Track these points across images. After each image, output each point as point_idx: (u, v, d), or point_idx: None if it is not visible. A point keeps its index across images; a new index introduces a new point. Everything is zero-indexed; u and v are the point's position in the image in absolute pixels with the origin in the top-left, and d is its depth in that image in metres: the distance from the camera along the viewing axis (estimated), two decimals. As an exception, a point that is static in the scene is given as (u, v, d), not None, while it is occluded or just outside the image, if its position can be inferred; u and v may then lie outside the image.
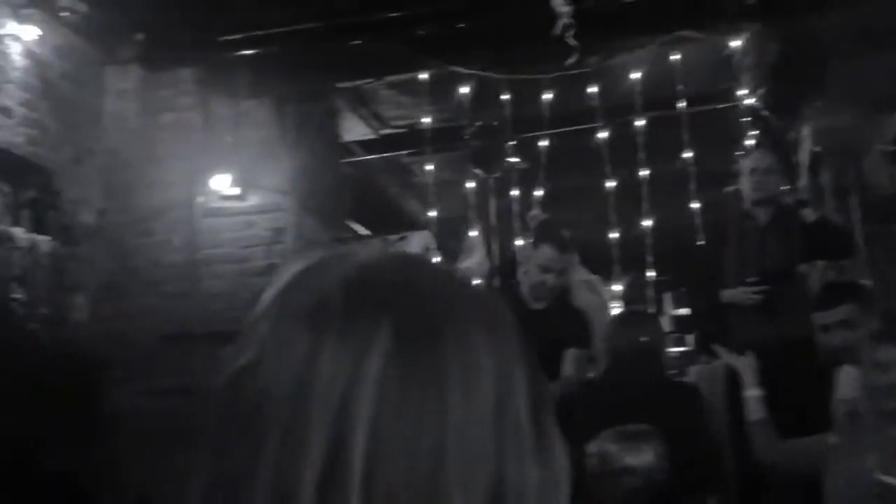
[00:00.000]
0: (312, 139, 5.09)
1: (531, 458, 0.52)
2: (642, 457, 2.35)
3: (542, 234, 4.13)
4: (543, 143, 5.18)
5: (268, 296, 0.59)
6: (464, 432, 0.50)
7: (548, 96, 4.87)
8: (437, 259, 5.16)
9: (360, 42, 4.67)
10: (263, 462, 0.51)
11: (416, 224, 6.68)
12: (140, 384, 4.74)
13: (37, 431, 4.18)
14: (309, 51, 4.78)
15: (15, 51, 4.34)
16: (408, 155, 5.70)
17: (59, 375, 4.38)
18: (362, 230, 6.32)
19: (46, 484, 4.19)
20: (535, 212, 4.55)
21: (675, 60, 4.77)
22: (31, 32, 4.39)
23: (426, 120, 5.27)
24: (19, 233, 4.34)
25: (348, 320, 0.53)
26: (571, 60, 4.13)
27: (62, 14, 4.38)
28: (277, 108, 4.98)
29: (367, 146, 5.75)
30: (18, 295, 4.27)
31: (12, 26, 4.30)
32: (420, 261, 0.68)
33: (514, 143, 5.19)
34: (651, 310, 4.98)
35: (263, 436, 0.52)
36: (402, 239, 4.96)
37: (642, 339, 3.24)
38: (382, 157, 5.90)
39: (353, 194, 5.75)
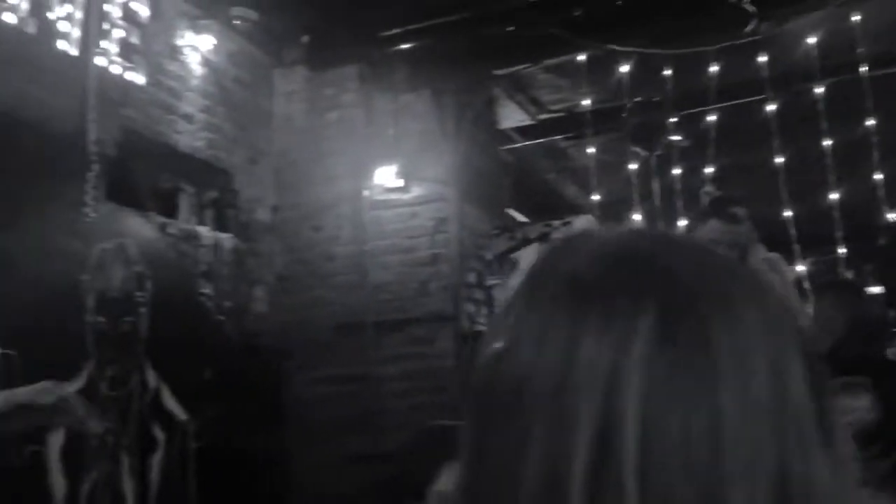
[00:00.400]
0: (471, 128, 5.13)
1: (817, 454, 0.48)
2: (859, 401, 2.73)
3: (712, 210, 3.97)
4: (712, 117, 4.96)
5: (517, 280, 0.58)
6: (740, 422, 0.47)
7: (713, 69, 4.65)
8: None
9: (515, 28, 4.64)
10: (531, 447, 0.50)
11: (576, 208, 6.60)
12: (316, 372, 4.96)
13: (228, 416, 4.46)
14: (465, 41, 4.81)
15: (194, 60, 4.64)
16: (567, 138, 5.63)
17: (244, 364, 4.66)
18: (521, 217, 6.31)
19: (237, 464, 4.47)
20: (709, 188, 4.36)
21: (855, 21, 4.44)
22: (207, 42, 4.68)
23: (585, 102, 5.18)
24: (204, 231, 4.64)
25: (608, 302, 0.51)
26: (750, 27, 3.92)
27: (235, 23, 4.62)
28: (436, 99, 5.05)
29: (524, 132, 5.73)
30: (206, 290, 4.57)
31: (190, 37, 4.59)
32: (673, 237, 0.65)
33: (677, 119, 5.01)
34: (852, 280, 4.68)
35: (528, 421, 0.51)
36: (565, 224, 4.90)
37: (852, 310, 3.18)
38: (540, 142, 5.86)
39: (512, 181, 5.75)
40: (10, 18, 3.36)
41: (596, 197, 5.20)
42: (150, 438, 4.06)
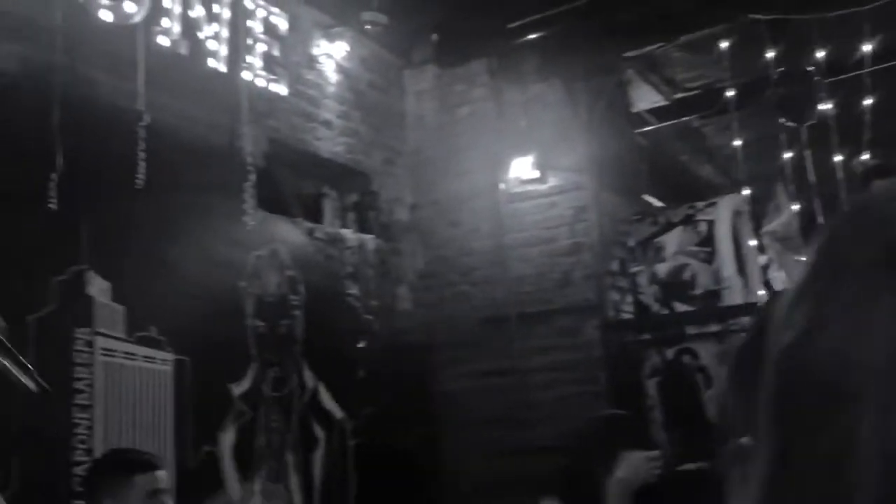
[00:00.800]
0: (605, 114, 5.03)
1: None
2: None
3: (869, 178, 3.74)
4: (865, 83, 4.66)
5: (811, 257, 0.53)
6: None
7: (866, 32, 4.37)
8: (747, 222, 4.87)
9: (647, 6, 4.52)
10: (862, 437, 0.45)
11: (712, 189, 6.36)
12: (463, 366, 4.99)
13: (381, 413, 4.56)
14: (594, 25, 4.72)
15: (329, 68, 4.76)
16: (705, 116, 5.43)
17: (393, 362, 4.74)
18: (656, 202, 6.14)
19: (392, 459, 4.56)
20: (864, 157, 4.11)
21: None
22: (340, 49, 4.79)
23: (724, 77, 4.98)
24: (348, 233, 4.76)
25: None
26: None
27: (366, 28, 4.71)
28: (568, 87, 4.98)
29: (659, 113, 5.57)
30: (353, 290, 4.68)
31: (325, 46, 4.71)
32: None
33: (826, 88, 4.73)
34: None
35: (856, 407, 0.46)
36: (710, 205, 4.73)
37: None
38: (674, 123, 5.68)
39: (647, 166, 5.60)
40: (164, 42, 3.54)
41: (740, 175, 4.99)
42: (312, 436, 4.20)
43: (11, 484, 2.77)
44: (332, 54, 4.75)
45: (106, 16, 3.26)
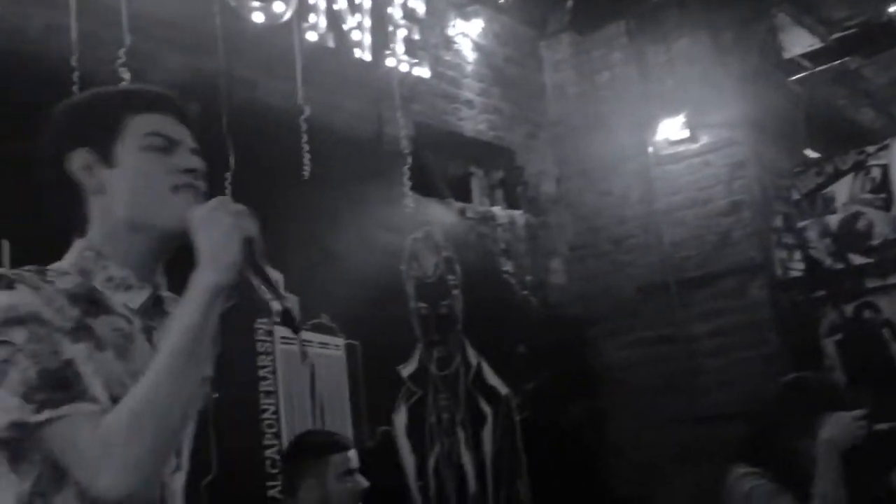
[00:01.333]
0: (757, 63, 4.78)
1: None
2: None
3: None
4: None
5: None
6: None
7: None
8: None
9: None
10: None
11: (873, 134, 5.94)
12: (624, 337, 4.90)
13: (544, 387, 4.55)
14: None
15: (466, 47, 4.75)
16: (867, 55, 5.07)
17: (552, 335, 4.72)
18: (812, 152, 5.79)
19: (558, 432, 4.55)
20: None
21: None
22: (476, 27, 4.77)
23: (884, 11, 4.62)
24: (498, 211, 4.75)
25: None
26: None
27: (500, 2, 4.67)
28: (714, 39, 4.76)
29: (814, 57, 5.23)
30: (507, 267, 4.68)
31: (461, 25, 4.71)
32: None
33: None
34: None
35: None
36: (882, 149, 4.41)
37: None
38: (832, 66, 5.32)
39: (805, 114, 5.29)
40: (312, 37, 3.64)
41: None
42: (479, 413, 4.24)
43: (212, 470, 2.95)
44: (468, 33, 4.75)
45: (258, 17, 3.38)
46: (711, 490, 2.37)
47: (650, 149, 4.91)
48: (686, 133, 4.78)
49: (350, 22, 3.79)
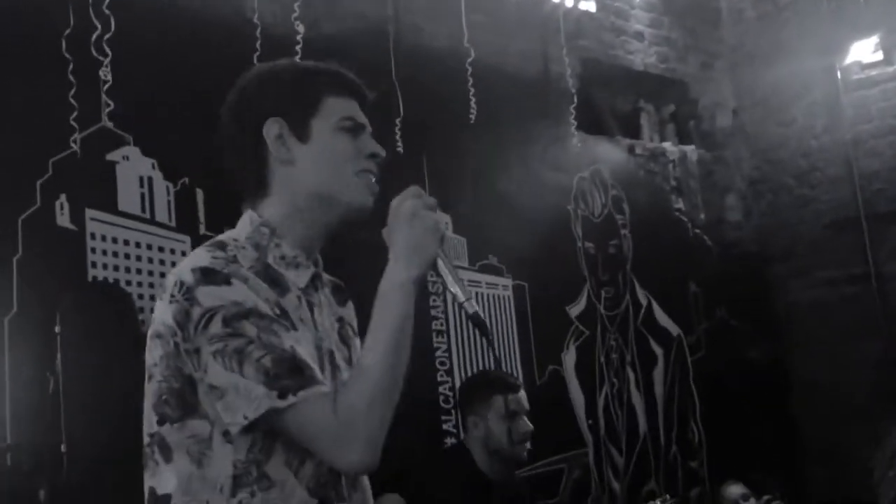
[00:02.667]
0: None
1: None
2: None
3: None
4: None
5: None
6: None
7: None
8: None
9: None
10: None
11: None
12: (809, 275, 4.64)
13: (719, 327, 4.42)
14: None
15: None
16: None
17: (727, 274, 4.55)
18: None
19: (737, 374, 4.41)
20: None
21: None
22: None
23: None
24: (669, 146, 4.59)
25: None
26: None
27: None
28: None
29: None
30: (679, 204, 4.53)
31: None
32: None
33: None
34: None
35: None
36: None
37: None
38: None
39: None
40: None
41: None
42: (650, 354, 4.19)
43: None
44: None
45: (422, -38, 3.39)
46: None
47: (838, 74, 4.54)
48: (880, 55, 4.38)
49: (513, -41, 3.73)
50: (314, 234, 1.24)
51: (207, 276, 1.10)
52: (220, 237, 1.20)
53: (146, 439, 1.16)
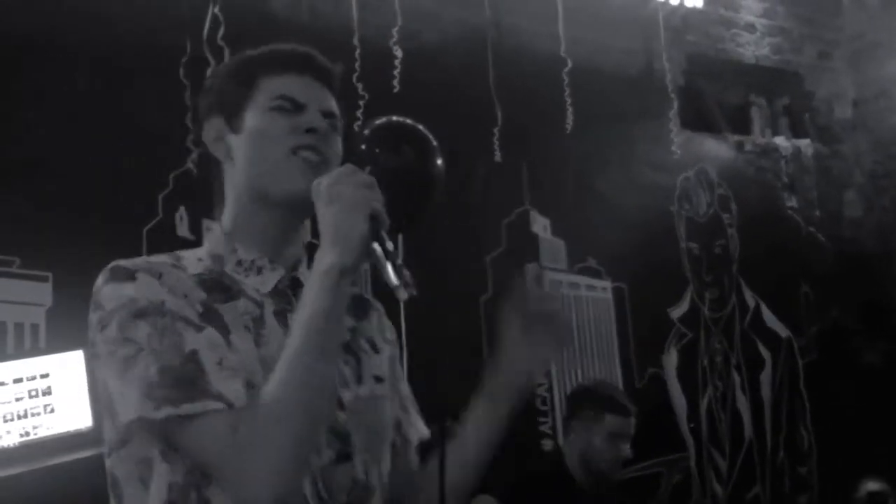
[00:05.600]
0: None
1: None
2: None
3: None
4: None
5: None
6: None
7: None
8: None
9: None
10: None
11: None
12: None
13: (834, 328, 4.27)
14: None
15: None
16: None
17: (844, 273, 4.37)
18: None
19: (853, 377, 4.26)
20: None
21: None
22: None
23: None
24: (781, 141, 4.44)
25: None
26: None
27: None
28: None
29: None
30: (791, 202, 4.38)
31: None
32: None
33: None
34: None
35: None
36: None
37: None
38: None
39: None
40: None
41: None
42: (756, 356, 4.09)
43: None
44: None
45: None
46: None
47: (970, 63, 4.27)
48: None
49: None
50: (274, 232, 1.07)
51: (114, 273, 0.99)
52: (182, 252, 1.09)
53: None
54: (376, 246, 0.93)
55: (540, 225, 3.44)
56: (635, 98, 3.81)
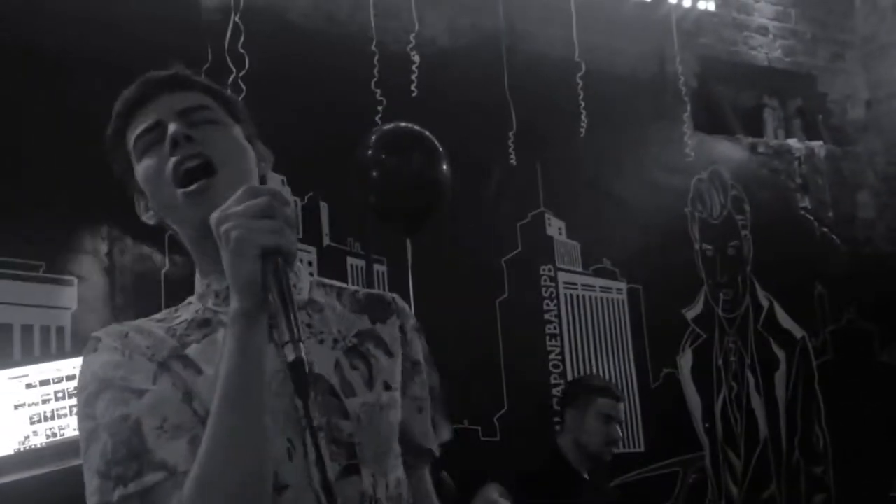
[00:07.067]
0: None
1: None
2: None
3: None
4: None
5: None
6: None
7: None
8: None
9: None
10: None
11: None
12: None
13: (849, 329, 4.28)
14: None
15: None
16: None
17: (857, 274, 4.38)
18: None
19: (868, 378, 4.27)
20: None
21: None
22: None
23: None
24: (794, 143, 4.45)
25: None
26: None
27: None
28: None
29: None
30: (804, 203, 4.40)
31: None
32: None
33: None
34: None
35: None
36: None
37: None
38: None
39: None
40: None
41: None
42: (771, 356, 4.11)
43: (504, 405, 3.22)
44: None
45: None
46: None
47: (984, 63, 4.27)
48: None
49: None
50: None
51: (87, 345, 0.99)
52: (190, 298, 1.07)
53: None
54: (272, 293, 0.82)
55: (555, 227, 3.48)
56: (649, 101, 3.85)
